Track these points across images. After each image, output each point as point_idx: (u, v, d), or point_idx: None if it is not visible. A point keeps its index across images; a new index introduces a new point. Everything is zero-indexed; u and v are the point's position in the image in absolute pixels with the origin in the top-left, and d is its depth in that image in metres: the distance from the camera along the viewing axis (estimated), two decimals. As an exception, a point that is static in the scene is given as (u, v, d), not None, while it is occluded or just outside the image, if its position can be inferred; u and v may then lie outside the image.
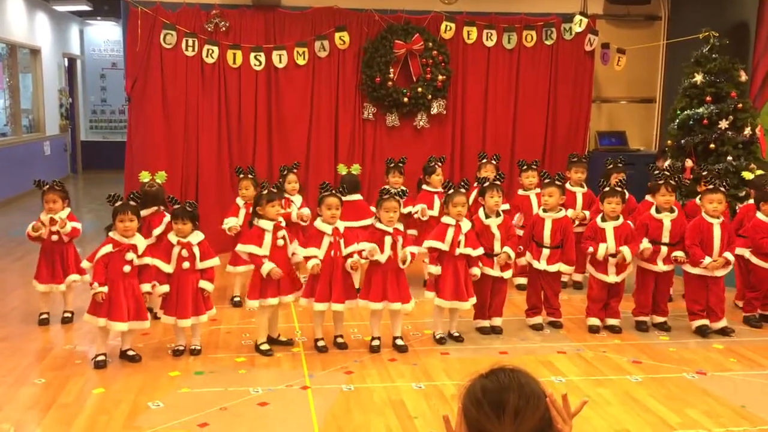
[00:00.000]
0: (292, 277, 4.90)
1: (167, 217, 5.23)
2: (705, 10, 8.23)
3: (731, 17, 7.98)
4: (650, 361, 4.82)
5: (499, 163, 6.92)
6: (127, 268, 4.59)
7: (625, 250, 5.23)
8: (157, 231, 5.37)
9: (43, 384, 4.32)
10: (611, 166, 6.51)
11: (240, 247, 4.86)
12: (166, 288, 4.75)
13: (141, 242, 4.72)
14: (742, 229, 5.71)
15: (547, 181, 5.56)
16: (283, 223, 4.95)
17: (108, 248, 4.59)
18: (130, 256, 4.61)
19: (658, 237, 5.38)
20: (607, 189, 5.43)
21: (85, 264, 4.69)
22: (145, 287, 4.70)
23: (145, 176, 5.73)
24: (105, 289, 4.51)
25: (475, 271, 5.10)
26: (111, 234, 4.65)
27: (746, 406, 4.09)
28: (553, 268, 5.38)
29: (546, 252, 5.38)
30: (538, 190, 6.45)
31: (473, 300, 5.11)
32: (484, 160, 6.81)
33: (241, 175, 6.10)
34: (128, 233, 4.63)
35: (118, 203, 4.67)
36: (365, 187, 8.24)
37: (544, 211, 5.46)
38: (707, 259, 5.20)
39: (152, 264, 4.73)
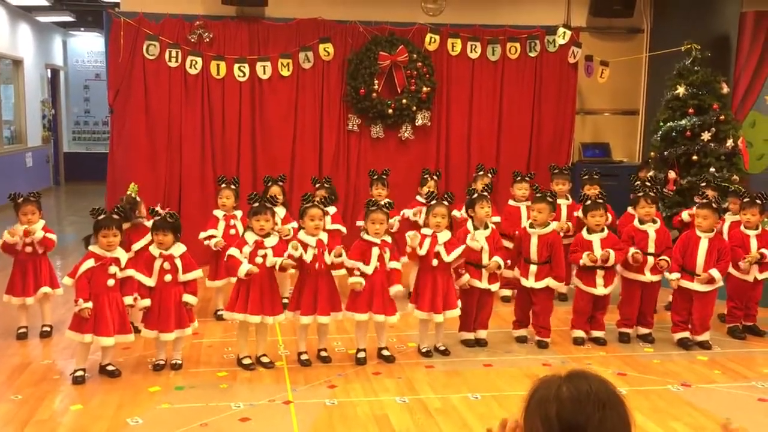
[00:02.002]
0: (273, 298, 4.78)
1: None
2: (687, 23, 8.30)
3: (713, 30, 8.05)
4: (635, 373, 4.81)
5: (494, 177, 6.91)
6: (110, 282, 4.52)
7: (611, 252, 5.20)
8: (137, 246, 5.29)
9: (20, 400, 4.23)
10: (586, 176, 6.49)
11: (230, 250, 4.78)
12: (147, 302, 4.67)
13: (123, 255, 4.66)
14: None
15: (538, 195, 5.46)
16: (270, 242, 4.75)
17: (90, 263, 4.52)
18: (113, 269, 4.54)
19: (644, 247, 5.38)
20: (589, 203, 5.41)
21: (67, 280, 4.60)
22: (128, 300, 4.64)
23: (133, 188, 5.66)
24: (90, 305, 4.43)
25: (464, 279, 5.10)
26: (91, 248, 4.59)
27: (731, 419, 4.07)
28: (540, 285, 5.28)
29: (533, 268, 5.29)
30: (528, 202, 6.44)
31: (452, 313, 5.05)
32: (481, 172, 6.75)
33: (223, 185, 6.03)
34: (111, 248, 4.58)
35: (102, 217, 4.60)
36: (350, 198, 8.23)
37: (531, 226, 5.36)
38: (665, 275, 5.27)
39: (134, 277, 4.66)
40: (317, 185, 6.41)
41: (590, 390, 1.52)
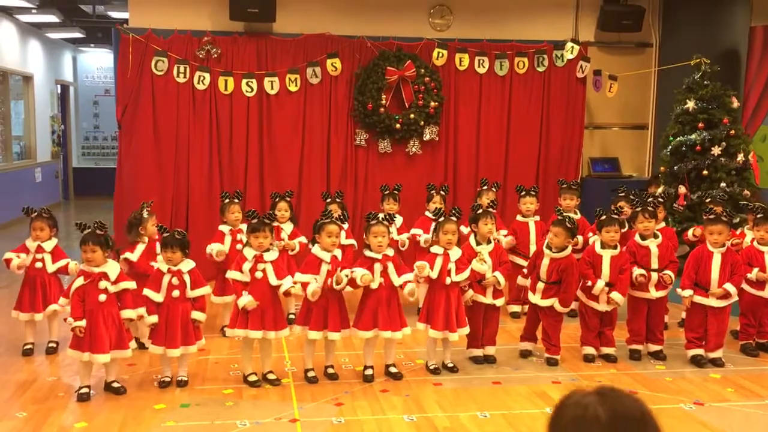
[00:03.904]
0: (276, 313, 4.74)
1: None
2: (696, 37, 8.26)
3: (722, 44, 8.01)
4: (646, 391, 4.73)
5: (498, 191, 6.86)
6: (102, 297, 4.45)
7: (615, 296, 5.18)
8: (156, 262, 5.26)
9: (25, 418, 4.20)
10: (622, 194, 6.32)
11: (229, 273, 4.81)
12: (155, 318, 4.64)
13: (112, 269, 4.57)
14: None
15: (559, 219, 5.26)
16: (270, 256, 4.74)
17: (80, 281, 4.49)
18: (103, 284, 4.48)
19: (647, 264, 5.32)
20: (604, 217, 5.34)
21: (62, 300, 4.61)
22: (127, 313, 4.56)
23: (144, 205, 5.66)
24: (82, 323, 4.38)
25: (467, 295, 5.06)
26: (81, 266, 4.56)
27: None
28: (545, 303, 5.20)
29: (541, 286, 5.22)
30: (536, 217, 6.38)
31: (464, 330, 5.02)
32: (485, 187, 6.70)
33: (227, 200, 6.01)
34: (91, 264, 4.50)
35: (85, 232, 4.54)
36: (358, 214, 8.20)
37: (548, 246, 5.23)
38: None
39: (130, 288, 4.57)
40: (328, 200, 6.37)
41: (629, 407, 1.50)
